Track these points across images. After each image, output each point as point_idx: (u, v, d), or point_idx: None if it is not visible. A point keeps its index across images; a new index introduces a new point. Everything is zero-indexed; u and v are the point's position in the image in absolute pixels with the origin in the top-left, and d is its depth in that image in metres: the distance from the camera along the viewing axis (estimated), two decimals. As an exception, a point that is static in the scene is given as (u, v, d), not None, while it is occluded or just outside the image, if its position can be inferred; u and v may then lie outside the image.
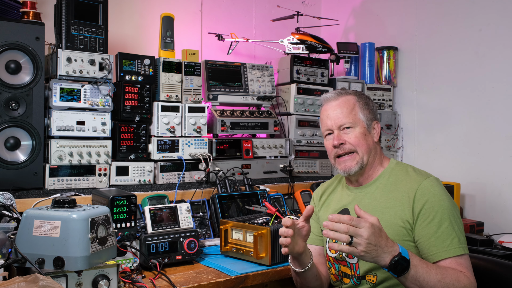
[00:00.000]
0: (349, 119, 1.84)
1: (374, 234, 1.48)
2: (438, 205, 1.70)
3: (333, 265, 1.91)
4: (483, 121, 3.03)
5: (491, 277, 1.90)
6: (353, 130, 1.84)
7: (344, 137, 1.85)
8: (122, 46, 2.86)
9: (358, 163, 1.84)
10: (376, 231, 1.49)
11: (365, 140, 1.84)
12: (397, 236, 1.72)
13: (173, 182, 2.66)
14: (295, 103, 3.20)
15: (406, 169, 1.86)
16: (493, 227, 2.88)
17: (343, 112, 1.85)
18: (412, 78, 3.50)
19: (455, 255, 1.65)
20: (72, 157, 2.42)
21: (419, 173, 1.83)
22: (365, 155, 1.84)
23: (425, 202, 1.71)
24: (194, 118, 2.77)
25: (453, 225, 1.69)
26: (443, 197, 1.73)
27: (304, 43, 3.26)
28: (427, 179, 1.77)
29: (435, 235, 1.68)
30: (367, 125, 1.86)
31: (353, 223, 1.47)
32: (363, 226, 1.47)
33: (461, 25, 3.17)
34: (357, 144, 1.84)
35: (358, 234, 1.47)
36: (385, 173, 1.88)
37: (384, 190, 1.84)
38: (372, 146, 1.87)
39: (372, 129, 1.89)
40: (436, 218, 1.69)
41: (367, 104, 1.89)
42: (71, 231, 1.54)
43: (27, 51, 2.28)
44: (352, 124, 1.84)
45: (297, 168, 3.17)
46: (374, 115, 1.90)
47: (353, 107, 1.86)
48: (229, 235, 2.22)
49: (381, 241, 1.50)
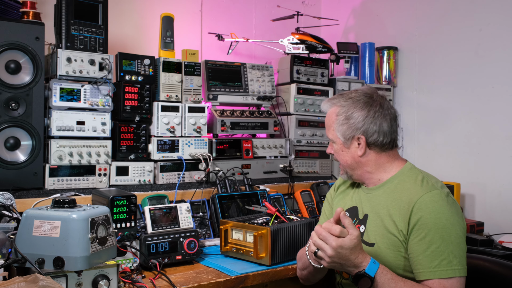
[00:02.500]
0: (329, 135, 1.89)
1: (340, 254, 1.55)
2: (432, 223, 1.63)
3: None
4: (483, 121, 3.03)
5: (491, 277, 1.90)
6: (334, 144, 1.88)
7: (330, 149, 1.93)
8: (122, 46, 2.86)
9: (344, 173, 1.91)
10: (343, 251, 1.55)
11: (341, 156, 1.86)
12: (391, 246, 1.71)
13: (173, 182, 2.66)
14: (295, 103, 3.20)
15: (416, 177, 1.77)
16: (493, 227, 2.88)
17: (326, 126, 1.91)
18: (412, 78, 3.49)
19: (440, 277, 1.60)
20: (72, 157, 2.42)
21: (425, 184, 1.73)
22: (348, 169, 1.88)
23: (419, 218, 1.65)
24: (194, 118, 2.77)
25: (447, 246, 1.62)
26: (440, 215, 1.64)
27: (304, 43, 3.26)
28: (429, 193, 1.68)
29: (423, 253, 1.63)
30: (344, 141, 1.82)
31: (321, 236, 1.57)
32: (330, 244, 1.56)
33: (461, 25, 3.17)
34: (336, 158, 1.90)
35: (323, 249, 1.58)
36: (395, 178, 1.81)
37: (389, 195, 1.79)
38: (350, 161, 1.84)
39: (352, 143, 1.81)
40: (428, 236, 1.63)
41: (347, 118, 1.80)
42: (71, 231, 1.54)
43: (27, 51, 2.28)
44: (332, 140, 1.88)
45: (297, 168, 3.17)
46: (354, 129, 1.79)
47: (331, 124, 1.86)
48: (229, 235, 2.22)
49: (349, 258, 1.56)
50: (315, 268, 1.77)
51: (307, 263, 1.80)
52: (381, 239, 1.74)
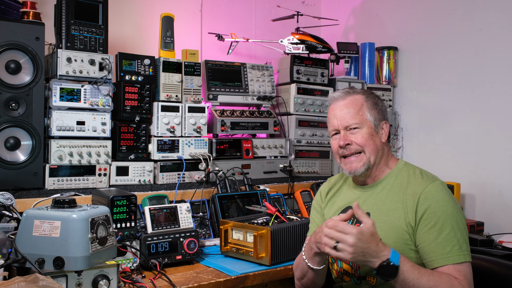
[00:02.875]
0: (356, 120, 1.81)
1: (362, 241, 1.49)
2: (440, 211, 1.67)
3: (335, 261, 1.90)
4: (483, 121, 3.03)
5: (491, 277, 1.90)
6: (360, 130, 1.81)
7: (351, 138, 1.82)
8: (122, 46, 2.86)
9: (364, 164, 1.81)
10: (364, 238, 1.50)
11: (372, 141, 1.81)
12: (399, 240, 1.71)
13: (173, 182, 2.66)
14: (295, 103, 3.20)
15: (414, 171, 1.83)
16: (493, 227, 2.88)
17: (350, 113, 1.82)
18: (412, 78, 3.49)
19: (454, 262, 1.63)
20: (72, 157, 2.42)
21: (425, 176, 1.79)
22: (372, 156, 1.81)
23: (427, 207, 1.69)
24: (194, 118, 2.77)
25: (455, 232, 1.65)
26: (447, 203, 1.69)
27: (304, 43, 3.26)
28: (432, 183, 1.73)
29: (435, 241, 1.66)
30: (374, 125, 1.83)
31: (338, 228, 1.50)
32: (350, 233, 1.49)
33: (461, 25, 3.16)
34: (364, 144, 1.80)
35: (344, 240, 1.50)
36: (392, 174, 1.85)
37: (389, 191, 1.81)
38: (379, 146, 1.83)
39: (380, 129, 1.85)
40: (438, 224, 1.67)
41: (375, 104, 1.85)
42: (71, 231, 1.55)
43: (27, 51, 2.28)
44: (359, 125, 1.81)
45: (297, 168, 3.17)
46: (382, 115, 1.86)
47: (360, 107, 1.83)
48: (229, 235, 2.22)
49: (370, 246, 1.50)
50: (314, 272, 1.76)
51: (305, 268, 1.79)
52: (387, 234, 1.73)
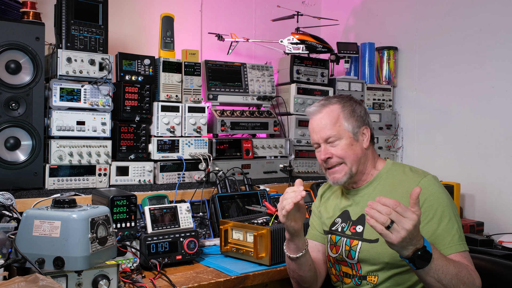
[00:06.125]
0: (334, 132, 1.82)
1: (415, 228, 1.42)
2: (437, 203, 1.71)
3: (333, 266, 1.91)
4: (483, 121, 3.03)
5: (491, 277, 1.90)
6: (339, 142, 1.82)
7: (331, 150, 1.83)
8: (122, 46, 2.86)
9: (346, 174, 1.83)
10: (418, 226, 1.44)
11: (352, 151, 1.82)
12: None
13: (173, 182, 2.66)
14: (295, 103, 3.20)
15: (403, 169, 1.86)
16: (493, 227, 2.88)
17: (327, 125, 1.83)
18: (412, 78, 3.50)
19: (457, 251, 1.66)
20: (72, 157, 2.42)
21: (416, 172, 1.83)
22: (354, 166, 1.83)
23: (423, 201, 1.70)
24: (194, 118, 2.77)
25: (453, 223, 1.69)
26: (441, 195, 1.73)
27: (304, 43, 3.26)
28: (425, 177, 1.77)
29: (435, 233, 1.68)
30: (353, 133, 1.83)
31: (398, 209, 1.42)
32: (410, 217, 1.40)
33: (461, 25, 3.17)
34: (344, 156, 1.82)
35: (401, 222, 1.40)
36: (381, 174, 1.87)
37: (381, 191, 1.83)
38: (361, 154, 1.84)
39: (361, 136, 1.85)
40: (436, 216, 1.69)
41: (353, 111, 1.85)
42: (71, 231, 1.54)
43: (27, 51, 2.28)
44: (337, 136, 1.82)
45: (297, 168, 3.17)
46: (361, 121, 1.86)
47: (337, 118, 1.83)
48: (229, 235, 2.22)
49: (418, 234, 1.45)
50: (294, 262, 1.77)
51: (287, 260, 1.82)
52: None
